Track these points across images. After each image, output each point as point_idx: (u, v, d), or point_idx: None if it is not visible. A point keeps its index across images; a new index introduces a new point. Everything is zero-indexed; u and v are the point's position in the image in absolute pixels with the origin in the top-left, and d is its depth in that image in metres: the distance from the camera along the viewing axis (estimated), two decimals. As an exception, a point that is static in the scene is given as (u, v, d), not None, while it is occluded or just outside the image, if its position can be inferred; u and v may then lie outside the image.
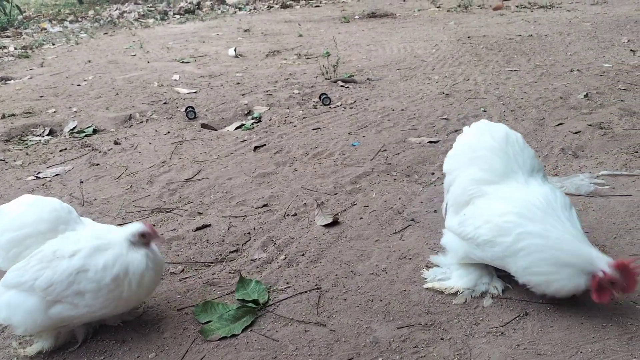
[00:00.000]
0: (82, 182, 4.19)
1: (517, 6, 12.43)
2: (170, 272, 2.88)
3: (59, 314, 2.14)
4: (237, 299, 2.54)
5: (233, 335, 2.29)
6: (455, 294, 2.42)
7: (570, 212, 2.21)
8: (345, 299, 2.50)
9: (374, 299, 2.48)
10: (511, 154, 2.40)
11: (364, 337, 2.23)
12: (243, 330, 2.32)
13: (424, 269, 2.65)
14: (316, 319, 2.37)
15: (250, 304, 2.47)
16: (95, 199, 3.89)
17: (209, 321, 2.37)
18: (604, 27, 8.91)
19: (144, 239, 2.23)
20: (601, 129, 4.37)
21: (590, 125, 4.46)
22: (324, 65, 7.06)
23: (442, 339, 2.17)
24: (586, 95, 5.25)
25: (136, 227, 2.23)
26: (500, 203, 2.28)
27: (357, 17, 12.84)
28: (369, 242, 3.02)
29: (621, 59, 6.75)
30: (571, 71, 6.36)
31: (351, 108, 5.69)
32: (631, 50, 7.22)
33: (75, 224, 2.31)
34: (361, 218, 3.32)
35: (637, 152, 3.86)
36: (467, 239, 2.39)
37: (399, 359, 2.09)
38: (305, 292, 2.58)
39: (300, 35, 10.63)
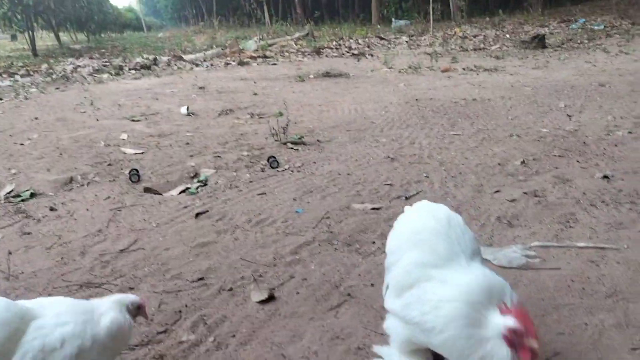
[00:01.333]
0: (10, 253, 4.01)
1: (463, 69, 13.00)
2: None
3: None
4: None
5: None
6: None
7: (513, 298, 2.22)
8: (272, 388, 2.42)
9: (302, 387, 2.41)
10: (454, 238, 2.39)
11: None
12: None
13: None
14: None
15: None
16: (22, 272, 3.71)
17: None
18: (543, 92, 9.38)
19: (137, 311, 2.39)
20: (535, 197, 4.51)
21: (525, 193, 4.60)
22: (273, 127, 7.13)
23: None
24: (523, 162, 5.44)
25: (134, 299, 2.39)
26: (447, 289, 2.26)
27: (312, 76, 13.14)
28: (303, 321, 2.96)
29: (558, 124, 7.07)
30: (511, 136, 6.61)
31: (298, 172, 5.71)
32: (567, 115, 7.59)
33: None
34: (298, 293, 3.27)
35: (568, 221, 3.99)
36: (412, 324, 2.33)
37: None
38: (232, 379, 2.48)
39: (255, 94, 10.77)
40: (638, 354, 2.50)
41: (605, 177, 4.84)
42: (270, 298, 3.21)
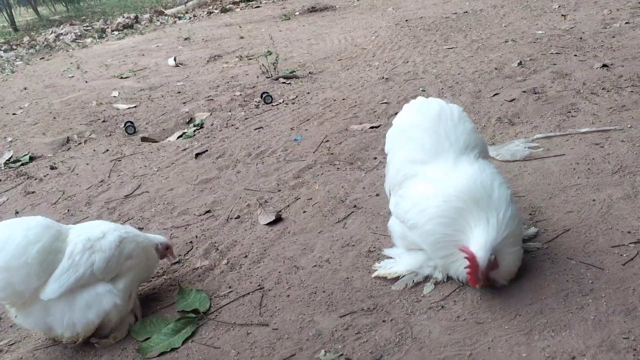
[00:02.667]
0: (17, 212, 4.02)
1: (452, -15, 12.56)
2: (110, 293, 2.77)
3: (124, 286, 2.34)
4: (178, 311, 2.46)
5: (173, 349, 2.21)
6: (398, 278, 2.38)
7: (494, 193, 2.13)
8: (288, 295, 2.45)
9: (317, 291, 2.43)
10: (442, 132, 2.32)
11: (306, 331, 2.18)
12: (184, 342, 2.24)
13: (376, 262, 2.55)
14: (258, 319, 2.31)
15: (190, 314, 2.39)
16: (31, 228, 3.73)
17: (148, 338, 2.29)
18: (535, -4, 9.08)
19: (165, 251, 2.67)
20: (535, 94, 4.43)
21: (524, 92, 4.52)
22: (263, 64, 6.99)
23: (384, 321, 2.14)
24: (520, 64, 5.32)
25: (165, 239, 2.69)
26: (426, 186, 2.25)
27: (297, 13, 12.79)
28: (312, 235, 2.97)
29: (553, 25, 6.88)
30: (506, 42, 6.45)
31: (293, 104, 5.63)
32: (562, 15, 7.37)
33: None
34: (304, 212, 3.27)
35: (569, 112, 3.92)
36: (402, 221, 2.36)
37: (341, 348, 2.04)
38: (248, 294, 2.51)
39: (242, 38, 10.52)
40: (648, 221, 2.50)
41: (605, 65, 4.74)
42: (278, 220, 3.21)
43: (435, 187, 2.20)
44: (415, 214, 2.22)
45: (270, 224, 3.19)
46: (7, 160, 5.44)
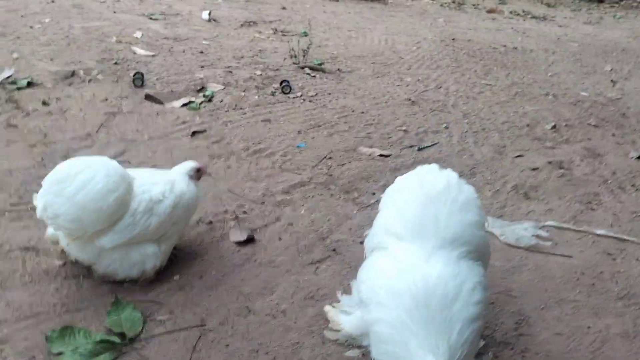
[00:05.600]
0: (-10, 145, 3.77)
1: (510, 12, 12.10)
2: (44, 271, 2.54)
3: (166, 248, 2.56)
4: (104, 326, 2.21)
5: (82, 377, 1.97)
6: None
7: (455, 305, 1.77)
8: (227, 345, 2.19)
9: (260, 349, 2.18)
10: (431, 213, 1.98)
11: (231, 401, 1.93)
12: (96, 372, 2.00)
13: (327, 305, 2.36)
14: (185, 368, 2.06)
15: (114, 337, 2.14)
16: (-4, 169, 3.48)
17: (61, 353, 2.04)
18: (591, 51, 8.65)
19: (197, 173, 2.74)
20: (560, 168, 4.11)
21: (550, 162, 4.20)
22: (293, 49, 6.64)
23: (318, 417, 1.89)
24: (554, 127, 4.98)
25: (192, 165, 2.74)
26: (388, 266, 1.93)
27: (348, -4, 12.32)
28: (279, 272, 2.71)
29: (599, 89, 6.50)
30: (546, 95, 6.08)
31: (310, 101, 5.32)
32: (612, 80, 6.97)
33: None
34: (280, 239, 3.01)
35: (590, 202, 3.62)
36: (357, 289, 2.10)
37: None
38: (186, 328, 2.26)
39: (284, 8, 10.12)
40: (639, 371, 2.23)
41: (641, 157, 4.40)
42: (249, 240, 2.95)
43: (397, 275, 1.89)
44: (367, 289, 1.93)
45: (240, 243, 2.93)
46: (5, 78, 5.17)
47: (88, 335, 2.13)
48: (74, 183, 2.19)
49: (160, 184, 2.51)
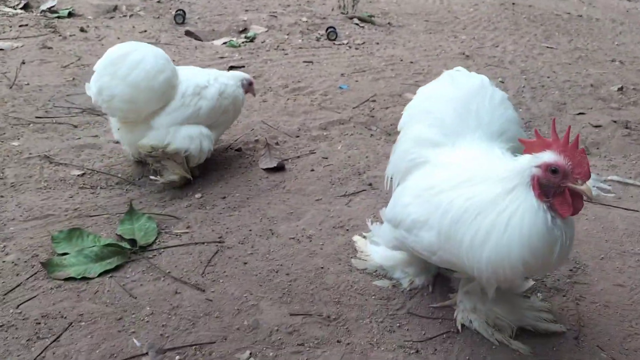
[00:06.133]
0: (23, 62, 3.67)
1: (576, -17, 11.33)
2: (61, 179, 2.40)
3: (215, 137, 2.64)
4: (116, 234, 2.05)
5: (85, 278, 1.81)
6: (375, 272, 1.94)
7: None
8: (245, 262, 1.99)
9: (280, 270, 1.97)
10: (474, 109, 1.74)
11: (243, 317, 1.73)
12: (101, 274, 1.83)
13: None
14: (197, 280, 1.87)
15: (124, 244, 1.97)
16: (27, 84, 3.38)
17: (65, 254, 1.89)
18: (664, 23, 7.98)
19: (248, 87, 2.80)
20: (626, 128, 3.72)
21: (615, 121, 3.80)
22: (342, -2, 6.33)
23: (338, 341, 1.67)
24: (620, 89, 4.54)
25: (247, 76, 2.82)
26: (438, 171, 1.65)
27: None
28: (308, 200, 2.48)
29: (673, 60, 5.94)
30: (612, 61, 5.59)
31: (356, 49, 5.03)
32: (687, 52, 6.38)
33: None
34: (312, 170, 2.78)
35: (660, 163, 3.23)
36: (396, 225, 1.75)
37: (272, 357, 1.59)
38: (203, 243, 2.07)
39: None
40: None
41: None
42: (279, 168, 2.73)
43: (459, 172, 1.60)
44: (417, 207, 1.63)
45: (269, 170, 2.72)
46: (48, 7, 5.09)
47: (97, 240, 1.97)
48: (126, 63, 2.26)
49: (204, 74, 2.60)
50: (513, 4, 8.12)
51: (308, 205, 2.44)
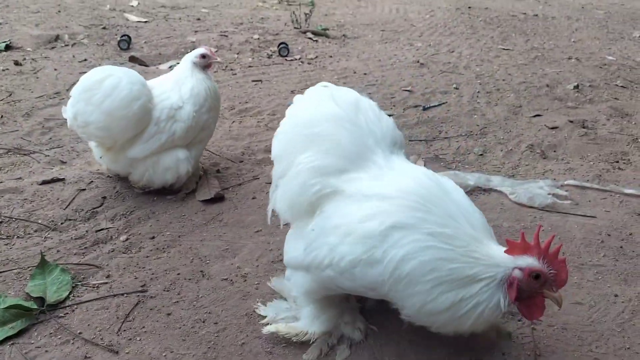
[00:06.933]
0: (-52, 102, 3.44)
1: (532, -17, 11.43)
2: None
3: (197, 154, 2.65)
4: (25, 292, 1.84)
5: (-19, 348, 1.61)
6: (308, 342, 1.68)
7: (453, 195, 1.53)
8: (169, 313, 1.80)
9: (207, 318, 1.79)
10: (364, 125, 1.64)
11: (160, 380, 1.54)
12: (1, 342, 1.63)
13: (260, 304, 1.84)
14: (111, 339, 1.68)
15: (31, 303, 1.77)
16: (-50, 126, 3.15)
17: (-36, 318, 1.68)
18: (617, 18, 8.03)
19: (205, 59, 2.64)
20: (583, 127, 3.63)
21: (571, 121, 3.71)
22: (294, 12, 6.21)
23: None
24: (576, 87, 4.48)
25: (196, 52, 2.64)
26: (366, 203, 1.49)
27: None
28: (247, 233, 2.31)
29: (627, 54, 5.93)
30: (569, 59, 5.55)
31: (309, 64, 4.90)
32: (642, 45, 6.39)
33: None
34: (254, 198, 2.61)
35: (617, 162, 3.14)
36: (323, 269, 1.53)
37: None
38: (122, 294, 1.88)
39: (291, -20, 9.67)
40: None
41: (676, 116, 3.88)
42: (218, 199, 2.56)
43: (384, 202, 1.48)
44: (352, 246, 1.45)
45: (206, 201, 2.54)
46: (-16, 42, 4.86)
47: (3, 299, 1.77)
48: (101, 90, 2.25)
49: (175, 90, 2.52)
50: (469, 7, 8.12)
51: (246, 238, 2.26)
